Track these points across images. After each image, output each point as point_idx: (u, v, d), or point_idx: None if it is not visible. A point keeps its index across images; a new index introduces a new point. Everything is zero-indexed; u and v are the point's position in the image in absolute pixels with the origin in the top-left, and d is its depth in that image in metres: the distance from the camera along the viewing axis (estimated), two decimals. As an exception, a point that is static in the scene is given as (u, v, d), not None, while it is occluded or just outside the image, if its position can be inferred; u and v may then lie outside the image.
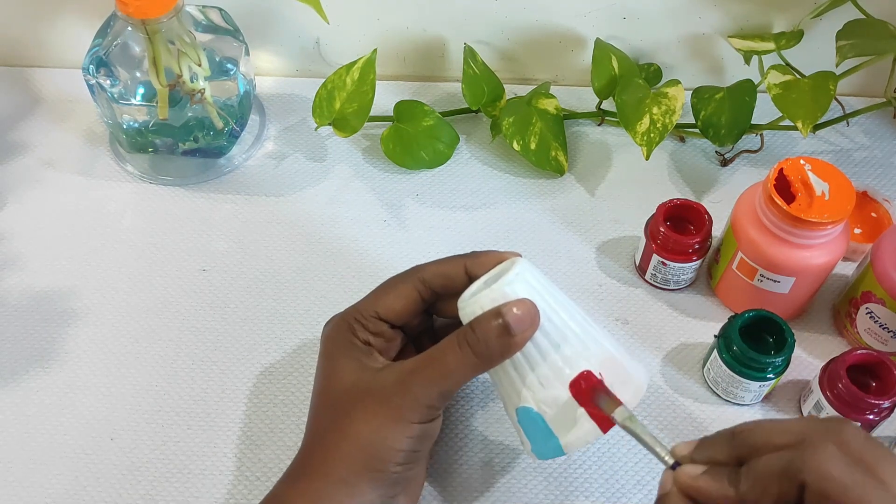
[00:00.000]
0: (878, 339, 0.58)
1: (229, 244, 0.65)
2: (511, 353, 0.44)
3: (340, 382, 0.47)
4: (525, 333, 0.44)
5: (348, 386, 0.47)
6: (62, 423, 0.56)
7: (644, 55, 0.73)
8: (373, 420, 0.45)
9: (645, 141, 0.63)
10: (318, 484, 0.45)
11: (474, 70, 0.69)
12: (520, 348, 0.44)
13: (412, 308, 0.49)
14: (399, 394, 0.45)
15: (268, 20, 0.72)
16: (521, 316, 0.43)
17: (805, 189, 0.54)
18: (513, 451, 0.55)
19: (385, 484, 0.45)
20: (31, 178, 0.68)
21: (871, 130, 0.73)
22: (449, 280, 0.48)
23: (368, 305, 0.49)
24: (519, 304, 0.44)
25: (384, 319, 0.49)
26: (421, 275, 0.49)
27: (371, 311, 0.49)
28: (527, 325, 0.44)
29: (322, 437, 0.47)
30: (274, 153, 0.71)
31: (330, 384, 0.48)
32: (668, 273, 0.61)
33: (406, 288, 0.49)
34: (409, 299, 0.48)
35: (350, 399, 0.46)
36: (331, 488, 0.45)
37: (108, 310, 0.61)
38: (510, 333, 0.43)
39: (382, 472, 0.45)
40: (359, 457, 0.45)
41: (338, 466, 0.45)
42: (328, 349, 0.49)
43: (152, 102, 0.63)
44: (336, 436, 0.46)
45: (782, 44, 0.67)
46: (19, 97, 0.74)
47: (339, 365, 0.48)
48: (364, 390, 0.46)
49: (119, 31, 0.61)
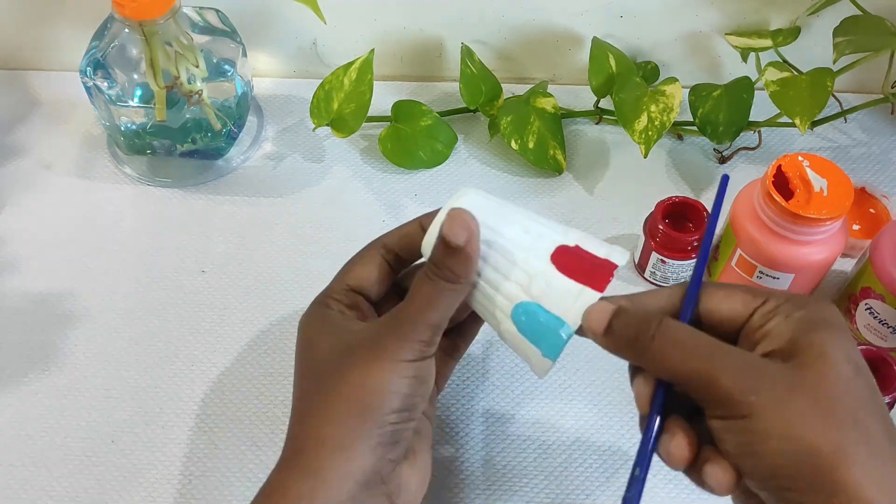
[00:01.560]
0: (878, 335, 0.58)
1: (228, 245, 0.65)
2: (471, 265, 0.43)
3: (320, 352, 0.45)
4: (471, 241, 0.43)
5: (331, 349, 0.45)
6: (62, 426, 0.56)
7: (641, 53, 0.73)
8: (361, 364, 0.43)
9: (643, 139, 0.64)
10: (312, 459, 0.42)
11: (472, 69, 0.69)
12: (474, 256, 0.43)
13: (380, 274, 0.48)
14: (387, 334, 0.43)
15: (265, 21, 0.72)
16: (452, 227, 0.42)
17: (803, 185, 0.54)
18: (513, 450, 0.55)
19: (382, 442, 0.42)
20: (30, 181, 0.68)
21: (869, 126, 0.73)
22: (408, 238, 0.47)
23: (338, 282, 0.48)
24: (449, 219, 0.43)
25: (357, 291, 0.47)
26: (382, 240, 0.48)
27: (342, 285, 0.47)
28: (466, 233, 0.42)
29: (308, 411, 0.44)
30: (272, 154, 0.71)
31: (309, 360, 0.46)
32: (668, 271, 0.61)
33: (370, 254, 0.48)
34: (376, 264, 0.48)
35: (334, 358, 0.44)
36: (326, 460, 0.42)
37: (108, 312, 0.61)
38: (458, 244, 0.42)
39: (377, 423, 0.42)
40: (350, 411, 0.42)
41: (330, 432, 0.42)
42: (303, 332, 0.47)
43: (150, 104, 0.63)
44: (323, 399, 0.43)
45: (779, 41, 0.67)
46: (17, 100, 0.74)
47: (316, 339, 0.46)
48: (348, 347, 0.44)
49: (116, 32, 0.61)
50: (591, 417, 0.57)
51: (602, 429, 0.56)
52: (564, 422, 0.56)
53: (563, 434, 0.56)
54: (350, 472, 0.41)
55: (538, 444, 0.55)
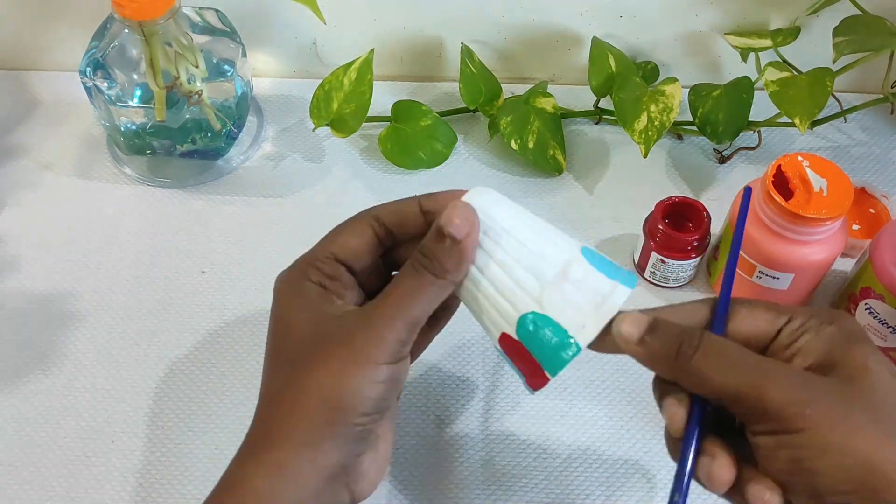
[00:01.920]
0: (878, 335, 0.58)
1: (228, 246, 0.65)
2: (463, 261, 0.41)
3: (295, 334, 0.43)
4: (469, 236, 0.41)
5: (304, 336, 0.42)
6: (62, 426, 0.56)
7: (641, 53, 0.73)
8: (334, 365, 0.40)
9: (643, 139, 0.64)
10: (277, 453, 0.40)
11: (471, 69, 0.69)
12: (471, 253, 0.42)
13: (368, 246, 0.45)
14: (362, 331, 0.41)
15: (265, 21, 0.72)
16: (452, 218, 0.41)
17: (803, 185, 0.54)
18: (513, 450, 0.55)
19: (350, 441, 0.41)
20: (29, 181, 0.68)
21: (869, 126, 0.73)
22: (403, 216, 0.44)
23: (322, 247, 0.45)
24: (452, 210, 0.41)
25: (341, 261, 0.44)
26: (374, 212, 0.45)
27: (326, 252, 0.44)
28: (465, 226, 0.41)
29: (279, 399, 0.42)
30: (272, 154, 0.71)
31: (283, 340, 0.43)
32: (668, 271, 0.61)
33: (360, 225, 0.45)
34: (365, 236, 0.44)
35: (307, 349, 0.42)
36: (292, 454, 0.40)
37: (108, 312, 0.61)
38: (454, 238, 0.41)
39: (347, 425, 0.40)
40: (321, 411, 0.40)
41: (298, 427, 0.40)
42: (279, 303, 0.44)
43: (150, 104, 0.63)
44: (294, 392, 0.41)
45: (779, 41, 0.67)
46: (17, 100, 0.74)
47: (292, 317, 0.43)
48: (322, 337, 0.41)
49: (116, 33, 0.61)
50: (591, 417, 0.56)
51: (602, 428, 0.56)
52: (564, 422, 0.56)
53: (563, 434, 0.56)
54: (316, 469, 0.40)
55: (538, 444, 0.55)
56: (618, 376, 0.58)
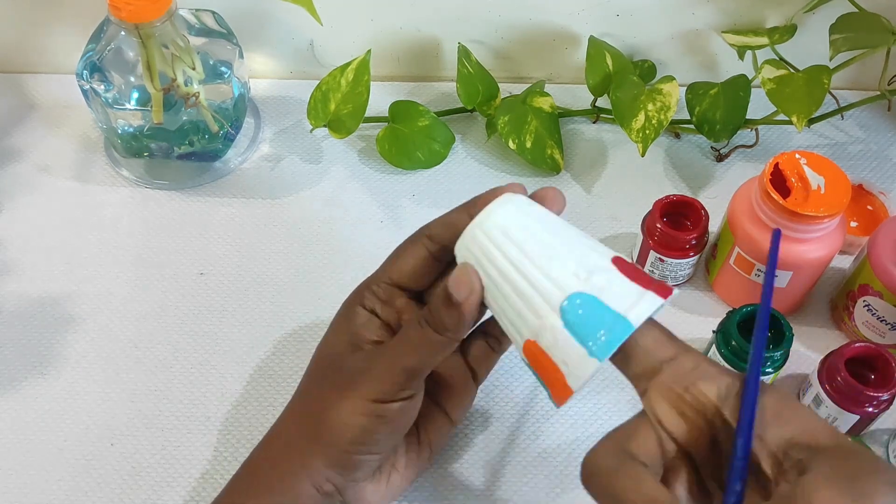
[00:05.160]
0: (876, 332, 0.58)
1: (226, 247, 0.65)
2: (464, 323, 0.42)
3: (324, 355, 0.48)
4: (470, 299, 0.42)
5: (329, 360, 0.47)
6: (62, 429, 0.56)
7: (638, 52, 0.73)
8: (333, 396, 0.45)
9: (640, 138, 0.64)
10: (277, 451, 0.46)
11: (469, 69, 0.69)
12: (471, 316, 0.43)
13: (423, 267, 0.47)
14: (364, 369, 0.44)
15: (261, 22, 0.71)
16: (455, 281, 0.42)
17: (801, 183, 0.54)
18: (513, 450, 0.55)
19: (341, 465, 0.45)
20: (27, 185, 0.68)
21: (866, 123, 0.73)
22: (455, 230, 0.45)
23: (381, 272, 0.48)
24: (455, 273, 0.43)
25: (398, 284, 0.47)
26: (427, 231, 0.47)
27: (384, 277, 0.47)
28: (464, 291, 0.42)
29: (292, 406, 0.48)
30: (269, 156, 0.71)
31: (318, 354, 0.49)
32: (666, 269, 0.61)
33: (414, 247, 0.47)
34: (419, 257, 0.47)
35: (324, 373, 0.47)
36: (286, 457, 0.45)
37: (106, 315, 0.61)
38: (457, 300, 0.42)
39: (336, 449, 0.44)
40: (315, 430, 0.45)
41: (296, 436, 0.46)
42: (334, 319, 0.49)
43: (147, 107, 0.63)
44: (301, 406, 0.47)
45: (776, 38, 0.67)
46: (13, 103, 0.73)
47: (331, 338, 0.48)
48: (339, 367, 0.46)
49: (112, 35, 0.61)
50: (591, 417, 0.57)
51: (602, 428, 0.56)
52: (564, 421, 0.56)
53: (563, 434, 0.56)
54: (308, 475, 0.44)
55: (538, 444, 0.55)
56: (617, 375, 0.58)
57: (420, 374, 0.44)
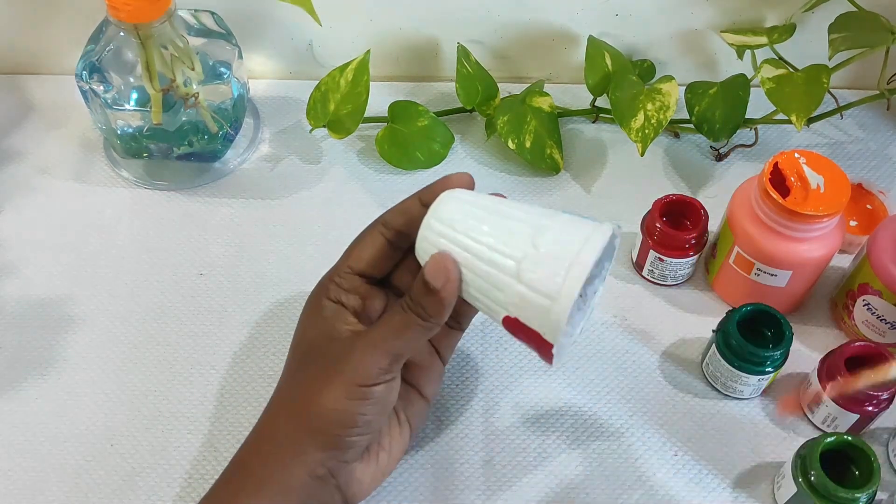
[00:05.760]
0: (876, 331, 0.58)
1: (226, 248, 0.65)
2: (444, 309, 0.45)
3: (301, 349, 0.49)
4: (448, 286, 0.44)
5: (306, 352, 0.48)
6: (61, 430, 0.56)
7: (637, 52, 0.73)
8: (318, 383, 0.46)
9: (640, 137, 0.64)
10: (267, 445, 0.47)
11: (468, 69, 0.69)
12: (451, 300, 0.45)
13: (381, 253, 0.49)
14: (346, 355, 0.46)
15: (260, 23, 0.71)
16: (433, 270, 0.44)
17: (800, 182, 0.54)
18: (513, 450, 0.55)
19: (333, 447, 0.46)
20: (26, 186, 0.68)
21: (865, 123, 0.73)
22: (408, 216, 0.48)
23: (341, 263, 0.49)
24: (431, 262, 0.45)
25: (358, 272, 0.49)
26: (382, 219, 0.49)
27: (344, 267, 0.49)
28: (443, 282, 0.44)
29: (276, 400, 0.49)
30: (269, 156, 0.71)
31: (293, 351, 0.50)
32: (666, 269, 0.61)
33: (370, 235, 0.49)
34: (375, 244, 0.49)
35: (304, 364, 0.48)
36: (277, 449, 0.46)
37: (106, 316, 0.61)
38: (435, 288, 0.44)
39: (328, 435, 0.45)
40: (304, 418, 0.46)
41: (285, 428, 0.46)
42: (302, 317, 0.50)
43: (146, 108, 0.63)
44: (285, 398, 0.48)
45: (775, 38, 0.67)
46: (12, 104, 0.73)
47: (304, 332, 0.49)
48: (320, 355, 0.47)
49: (111, 36, 0.61)
50: (591, 417, 0.57)
51: (602, 428, 0.56)
52: (564, 421, 0.56)
53: (563, 434, 0.56)
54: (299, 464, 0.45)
55: (538, 444, 0.55)
56: (616, 375, 0.58)
57: (402, 358, 0.46)
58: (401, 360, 0.46)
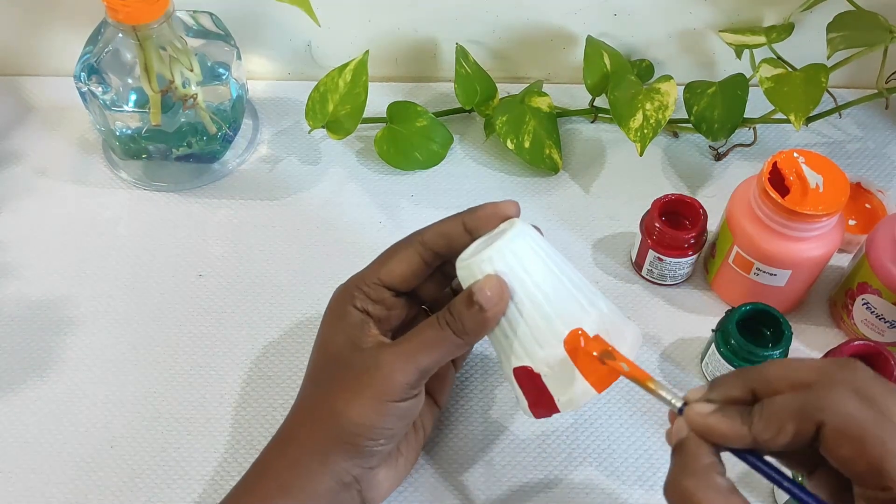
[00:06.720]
0: (875, 330, 0.58)
1: (225, 249, 0.65)
2: (484, 329, 0.45)
3: (326, 355, 0.49)
4: (496, 308, 0.44)
5: (332, 360, 0.48)
6: (61, 432, 0.55)
7: (636, 51, 0.73)
8: (348, 395, 0.46)
9: (638, 137, 0.64)
10: (294, 451, 0.47)
11: (466, 70, 0.69)
12: (494, 323, 0.45)
13: (415, 272, 0.48)
14: (374, 368, 0.45)
15: (259, 24, 0.71)
16: (489, 296, 0.44)
17: (799, 182, 0.54)
18: (513, 450, 0.55)
19: (357, 455, 0.46)
20: (25, 187, 0.68)
21: (864, 122, 0.73)
22: (449, 239, 0.47)
23: (371, 272, 0.49)
24: (487, 281, 0.44)
25: (388, 286, 0.49)
26: (421, 237, 0.48)
27: (374, 277, 0.49)
28: (495, 302, 0.44)
29: (303, 409, 0.49)
30: (268, 157, 0.71)
31: (318, 355, 0.49)
32: (665, 268, 0.61)
33: (407, 252, 0.48)
34: (411, 263, 0.48)
35: (330, 373, 0.47)
36: (304, 457, 0.46)
37: (105, 317, 0.61)
38: (482, 310, 0.44)
39: (355, 445, 0.46)
40: (331, 428, 0.46)
41: (312, 435, 0.46)
42: (325, 322, 0.50)
43: (145, 109, 0.63)
44: (312, 405, 0.48)
45: (773, 37, 0.67)
46: (11, 106, 0.73)
47: (330, 340, 0.49)
48: (347, 365, 0.47)
49: (110, 37, 0.61)
50: (591, 417, 0.57)
51: (602, 428, 0.56)
52: (564, 421, 0.56)
53: (563, 434, 0.56)
54: (326, 471, 0.46)
55: (538, 444, 0.55)
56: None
57: (429, 374, 0.46)
58: (427, 375, 0.46)
